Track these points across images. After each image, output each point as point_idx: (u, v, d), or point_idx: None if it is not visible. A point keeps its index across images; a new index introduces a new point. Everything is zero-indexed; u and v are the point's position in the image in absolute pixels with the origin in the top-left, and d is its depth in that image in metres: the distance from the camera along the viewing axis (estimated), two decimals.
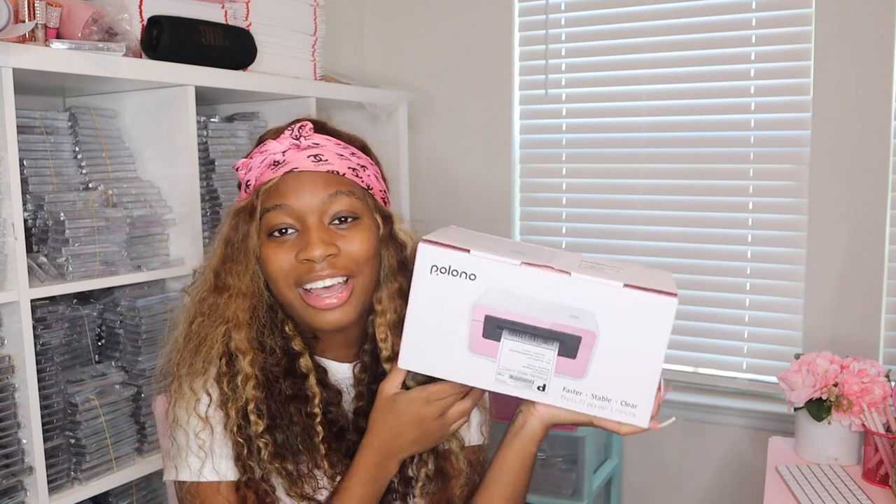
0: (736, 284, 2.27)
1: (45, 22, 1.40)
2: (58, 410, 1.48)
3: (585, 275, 0.86)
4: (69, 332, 1.53)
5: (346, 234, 1.00)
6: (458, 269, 0.88)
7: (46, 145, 1.52)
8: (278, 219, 0.99)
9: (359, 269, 1.00)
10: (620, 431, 0.93)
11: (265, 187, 1.00)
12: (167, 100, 1.65)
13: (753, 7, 2.18)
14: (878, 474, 1.57)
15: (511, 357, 0.90)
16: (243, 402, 0.99)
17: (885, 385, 1.63)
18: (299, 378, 1.03)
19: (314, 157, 1.00)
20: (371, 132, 2.32)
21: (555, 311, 0.87)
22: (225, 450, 0.99)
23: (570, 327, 0.88)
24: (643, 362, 0.88)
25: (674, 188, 2.33)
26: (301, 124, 1.01)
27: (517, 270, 0.87)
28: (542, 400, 0.92)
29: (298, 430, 1.01)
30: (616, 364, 0.88)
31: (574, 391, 0.90)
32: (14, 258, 1.33)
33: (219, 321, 1.01)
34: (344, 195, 1.00)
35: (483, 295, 0.88)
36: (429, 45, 2.62)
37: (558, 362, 0.89)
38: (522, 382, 0.91)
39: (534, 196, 2.55)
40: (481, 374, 0.91)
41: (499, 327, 0.89)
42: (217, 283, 1.02)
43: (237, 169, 1.05)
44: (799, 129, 2.16)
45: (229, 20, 1.76)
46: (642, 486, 2.46)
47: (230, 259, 1.02)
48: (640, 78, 2.34)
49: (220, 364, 1.00)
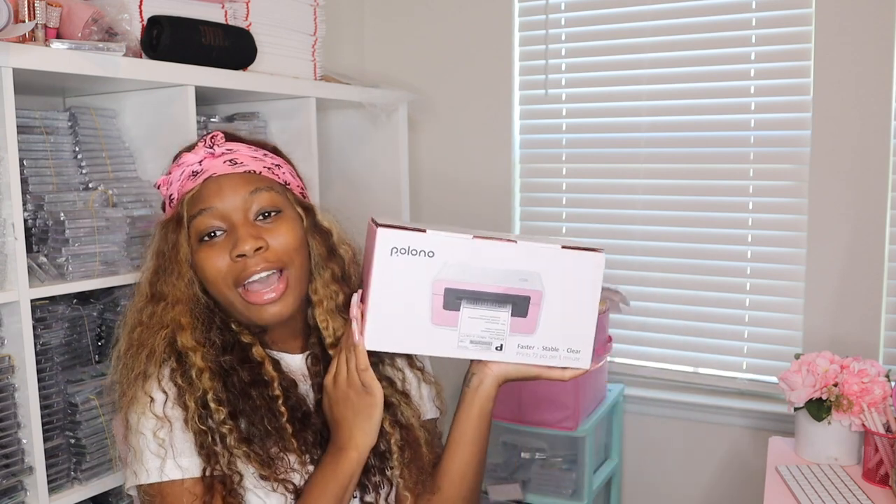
0: (736, 284, 2.27)
1: (45, 22, 1.40)
2: (58, 410, 1.48)
3: (530, 241, 0.98)
4: (69, 332, 1.53)
5: (271, 227, 1.05)
6: (417, 248, 0.95)
7: (46, 145, 1.52)
8: (205, 222, 1.04)
9: (289, 260, 1.05)
10: (564, 377, 1.05)
11: (188, 196, 1.06)
12: (167, 100, 1.65)
13: (753, 7, 2.18)
14: (878, 474, 1.58)
15: (470, 323, 0.99)
16: (201, 393, 1.01)
17: (885, 385, 1.63)
18: (255, 365, 1.06)
19: (230, 161, 1.07)
20: (371, 132, 2.32)
21: (506, 276, 0.98)
22: (186, 444, 1.01)
23: (520, 289, 0.99)
24: (582, 312, 1.02)
25: (674, 188, 2.33)
26: (212, 135, 1.08)
27: (470, 244, 0.97)
28: (501, 359, 1.02)
29: (263, 412, 1.03)
30: (560, 316, 1.01)
31: (527, 346, 1.02)
32: (14, 258, 1.33)
33: (158, 327, 1.04)
34: (263, 191, 1.06)
35: (441, 269, 0.96)
36: (429, 45, 2.62)
37: (512, 322, 1.00)
38: (482, 345, 1.01)
39: (534, 196, 2.54)
40: (444, 344, 0.99)
41: (458, 298, 0.98)
42: (153, 294, 1.07)
43: (158, 187, 1.12)
44: (799, 129, 2.16)
45: (229, 20, 1.76)
46: (642, 486, 2.46)
47: (163, 269, 1.06)
48: (640, 78, 2.34)
49: (171, 361, 1.03)
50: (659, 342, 2.40)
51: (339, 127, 2.38)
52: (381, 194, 2.33)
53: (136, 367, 1.03)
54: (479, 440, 1.11)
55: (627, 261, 2.40)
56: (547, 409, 2.11)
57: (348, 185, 2.36)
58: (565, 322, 1.01)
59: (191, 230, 1.05)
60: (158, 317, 1.05)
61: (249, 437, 1.02)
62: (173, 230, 1.07)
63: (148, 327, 1.05)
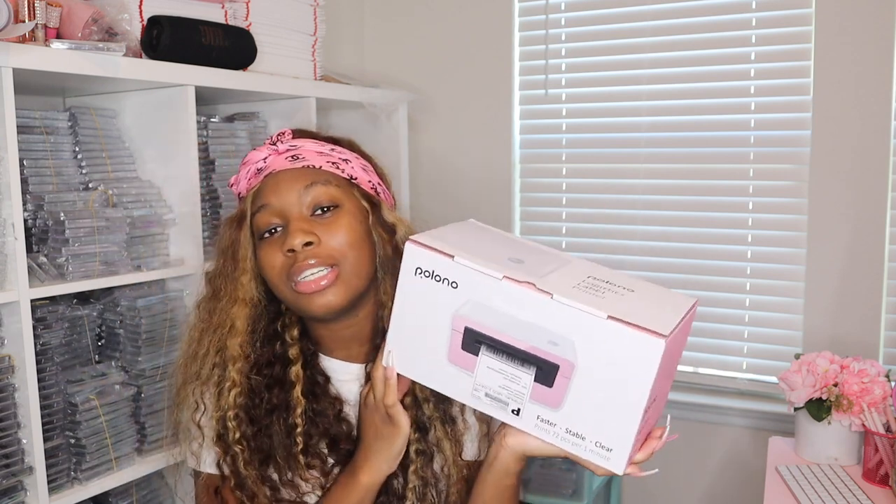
0: (736, 284, 2.27)
1: (45, 22, 1.40)
2: (58, 410, 1.48)
3: (568, 299, 0.78)
4: (69, 332, 1.53)
5: (327, 221, 1.02)
6: (441, 274, 0.82)
7: (46, 145, 1.52)
8: (264, 219, 1.03)
9: (342, 256, 1.00)
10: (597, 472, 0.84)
11: (251, 193, 1.05)
12: (167, 100, 1.65)
13: (753, 7, 2.18)
14: (878, 474, 1.57)
15: (487, 374, 0.83)
16: (224, 411, 1.01)
17: (885, 385, 1.63)
18: (286, 388, 1.05)
19: (291, 157, 1.05)
20: (371, 132, 2.32)
21: (534, 333, 0.80)
22: (212, 457, 1.04)
23: (549, 353, 0.80)
24: (623, 404, 0.78)
25: (674, 188, 2.33)
26: (280, 132, 1.07)
27: (497, 284, 0.80)
28: (516, 425, 0.85)
29: (278, 439, 1.03)
30: (594, 401, 0.79)
31: (548, 422, 0.83)
32: (14, 258, 1.33)
33: (215, 326, 1.04)
34: (320, 185, 1.02)
35: (463, 305, 0.82)
36: (429, 45, 2.62)
37: (534, 388, 0.82)
38: (497, 403, 0.84)
39: (534, 196, 2.54)
40: (458, 387, 0.86)
41: (477, 341, 0.83)
42: (214, 291, 1.06)
43: (231, 185, 1.11)
44: (799, 129, 2.16)
45: (229, 20, 1.76)
46: (642, 486, 2.46)
47: (225, 267, 1.06)
48: (640, 78, 2.34)
49: (213, 374, 1.04)
50: None
51: (339, 127, 2.36)
52: None
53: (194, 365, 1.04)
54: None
55: (627, 260, 2.40)
56: None
57: None
58: (599, 409, 0.79)
59: (253, 227, 1.04)
60: (217, 315, 1.04)
61: (266, 459, 1.02)
62: (235, 227, 1.06)
63: (206, 325, 1.05)
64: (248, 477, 1.00)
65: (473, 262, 0.81)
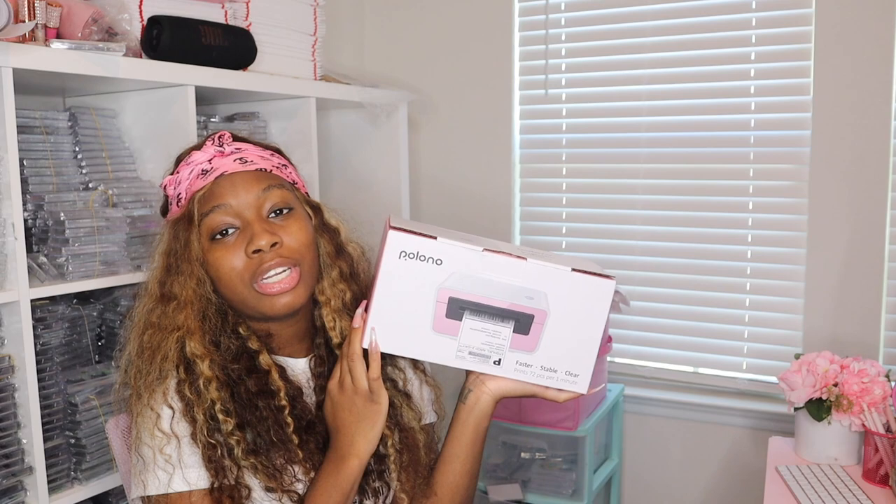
0: (736, 284, 2.27)
1: (45, 22, 1.40)
2: (58, 410, 1.48)
3: (539, 260, 0.97)
4: (69, 332, 1.53)
5: (284, 224, 1.05)
6: (426, 254, 0.96)
7: (46, 145, 1.52)
8: (218, 220, 1.03)
9: (302, 257, 1.05)
10: (559, 398, 1.05)
11: (199, 194, 1.05)
12: (167, 100, 1.65)
13: (753, 7, 2.18)
14: (878, 474, 1.58)
15: (471, 335, 0.99)
16: (209, 404, 1.01)
17: (885, 385, 1.63)
18: (262, 374, 1.06)
19: (240, 159, 1.07)
20: (371, 132, 2.32)
21: (512, 292, 0.98)
22: (194, 458, 1.01)
23: (525, 307, 0.99)
24: (586, 336, 1.01)
25: (674, 188, 2.33)
26: (220, 134, 1.08)
27: (480, 256, 0.97)
28: (497, 373, 1.03)
29: (269, 423, 1.03)
30: (563, 338, 1.01)
31: (525, 364, 1.02)
32: (14, 258, 1.33)
33: (170, 329, 1.03)
34: (276, 188, 1.06)
35: (448, 278, 0.97)
36: (429, 45, 2.62)
37: (513, 338, 1.00)
38: (480, 357, 1.01)
39: (534, 196, 2.54)
40: (443, 352, 1.00)
41: (461, 308, 0.98)
42: (163, 294, 1.05)
43: (164, 186, 1.11)
44: (799, 129, 2.16)
45: (229, 20, 1.76)
46: (642, 486, 2.46)
47: (173, 269, 1.05)
48: (641, 78, 2.34)
49: (179, 372, 1.02)
50: (659, 342, 2.40)
51: (339, 127, 2.38)
52: (381, 194, 2.33)
53: (147, 371, 1.02)
54: (473, 456, 1.11)
55: (627, 261, 2.40)
56: (547, 409, 2.10)
57: (348, 184, 2.36)
58: (567, 345, 1.01)
59: (202, 228, 1.04)
60: (169, 318, 1.04)
61: (256, 448, 1.02)
62: (184, 229, 1.05)
63: (159, 329, 1.04)
64: (246, 470, 1.00)
65: (455, 241, 0.96)
